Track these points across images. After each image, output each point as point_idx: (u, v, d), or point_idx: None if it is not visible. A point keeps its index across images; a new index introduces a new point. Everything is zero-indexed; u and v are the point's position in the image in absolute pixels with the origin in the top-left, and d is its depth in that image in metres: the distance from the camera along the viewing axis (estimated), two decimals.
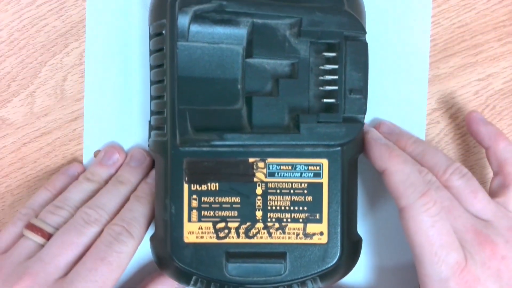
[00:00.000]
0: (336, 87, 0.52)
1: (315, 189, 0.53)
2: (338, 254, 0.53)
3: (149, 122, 0.57)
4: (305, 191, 0.53)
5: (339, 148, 0.53)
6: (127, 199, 0.58)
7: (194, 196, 0.53)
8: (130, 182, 0.59)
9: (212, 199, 0.53)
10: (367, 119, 0.56)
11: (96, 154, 0.62)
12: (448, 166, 0.55)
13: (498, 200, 0.56)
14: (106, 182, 0.60)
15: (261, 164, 0.53)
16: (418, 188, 0.51)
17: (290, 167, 0.53)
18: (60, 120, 0.63)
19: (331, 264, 0.53)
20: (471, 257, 0.51)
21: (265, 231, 0.53)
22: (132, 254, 0.55)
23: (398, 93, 0.61)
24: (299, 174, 0.53)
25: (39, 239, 0.56)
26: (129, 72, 0.62)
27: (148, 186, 0.59)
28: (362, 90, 0.53)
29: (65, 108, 0.63)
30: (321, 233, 0.53)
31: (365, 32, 0.53)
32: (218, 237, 0.53)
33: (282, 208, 0.53)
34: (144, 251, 0.60)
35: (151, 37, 0.55)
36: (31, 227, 0.56)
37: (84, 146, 0.63)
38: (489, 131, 0.59)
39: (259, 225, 0.53)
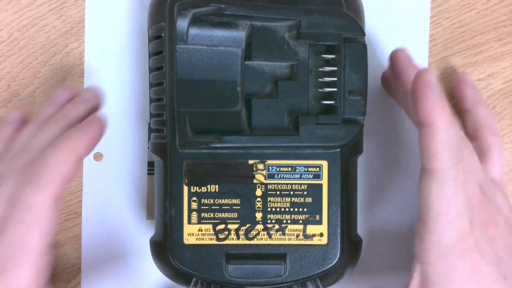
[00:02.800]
0: (335, 89, 0.52)
1: (314, 190, 0.54)
2: (338, 255, 0.53)
3: (149, 124, 0.57)
4: (305, 193, 0.54)
5: (338, 149, 0.53)
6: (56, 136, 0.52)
7: (194, 198, 0.53)
8: (69, 119, 0.54)
9: (212, 201, 0.53)
10: (367, 120, 0.55)
11: (95, 156, 0.62)
12: None
13: None
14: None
15: (260, 166, 0.53)
16: (456, 155, 0.47)
17: (289, 169, 0.53)
18: None
19: (331, 265, 0.53)
20: (473, 223, 0.50)
21: (265, 233, 0.54)
22: (48, 209, 0.48)
23: None
24: (298, 175, 0.53)
25: None
26: (128, 74, 0.62)
27: (76, 130, 0.52)
28: (362, 91, 0.53)
29: None
30: (321, 234, 0.53)
31: (364, 34, 0.53)
32: (218, 239, 0.54)
33: (282, 209, 0.54)
34: (142, 249, 0.60)
35: (150, 40, 0.55)
36: None
37: None
38: (473, 95, 0.60)
39: (259, 226, 0.54)
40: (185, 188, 0.53)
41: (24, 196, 0.47)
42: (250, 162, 0.53)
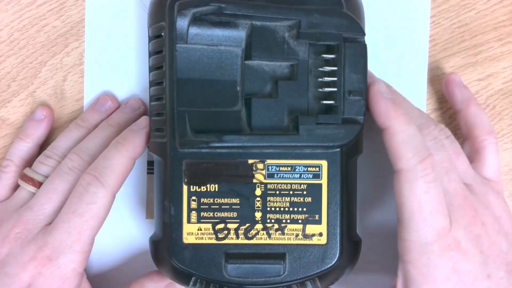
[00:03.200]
0: (335, 89, 0.52)
1: (314, 190, 0.54)
2: (338, 255, 0.53)
3: (149, 123, 0.57)
4: (305, 192, 0.54)
5: (338, 149, 0.53)
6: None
7: (194, 198, 0.53)
8: (119, 125, 0.59)
9: (211, 200, 0.53)
10: (366, 120, 0.55)
11: None
12: (436, 125, 0.55)
13: (472, 165, 0.56)
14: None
15: (260, 166, 0.53)
16: (419, 152, 0.50)
17: (289, 168, 0.53)
18: (60, 120, 0.63)
19: (331, 265, 0.53)
20: (456, 222, 0.51)
21: (265, 232, 0.53)
22: (106, 205, 0.55)
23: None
24: (298, 175, 0.53)
25: (31, 188, 0.58)
26: (128, 74, 0.62)
27: (131, 132, 0.57)
28: (361, 91, 0.53)
29: (65, 108, 0.63)
30: (320, 234, 0.53)
31: (364, 34, 0.53)
32: (217, 238, 0.53)
33: (282, 209, 0.54)
34: (141, 248, 0.60)
35: (150, 39, 0.55)
36: (23, 177, 0.59)
37: None
38: (463, 94, 0.60)
39: (259, 226, 0.53)
40: (185, 188, 0.53)
41: (90, 192, 0.54)
42: (250, 161, 0.53)
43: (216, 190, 0.53)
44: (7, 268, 0.54)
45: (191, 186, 0.53)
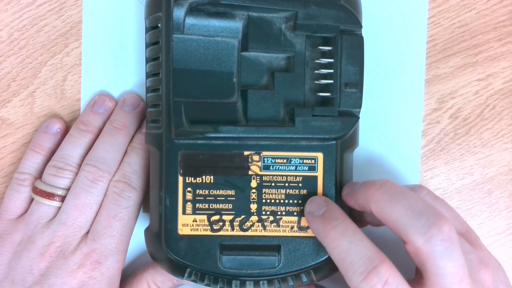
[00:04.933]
0: (331, 81, 0.52)
1: (309, 182, 0.53)
2: None
3: (145, 115, 0.57)
4: (300, 185, 0.53)
5: (334, 141, 0.53)
6: (124, 146, 0.60)
7: (189, 189, 0.53)
8: (126, 127, 0.60)
9: (206, 192, 0.53)
10: (364, 116, 0.55)
11: None
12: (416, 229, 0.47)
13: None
14: (100, 130, 0.61)
15: (256, 157, 0.53)
16: (359, 268, 0.46)
17: (285, 161, 0.53)
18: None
19: (325, 257, 0.53)
20: None
21: (260, 224, 0.53)
22: (139, 204, 0.59)
23: (395, 91, 0.62)
24: (294, 167, 0.53)
25: (54, 203, 0.58)
26: (126, 72, 0.62)
27: (143, 135, 0.59)
28: (358, 84, 0.53)
29: (65, 108, 0.63)
30: None
31: (361, 26, 0.53)
32: (212, 230, 0.53)
33: (277, 201, 0.53)
34: (138, 242, 0.60)
35: (147, 31, 0.55)
36: (41, 192, 0.58)
37: None
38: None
39: (254, 218, 0.53)
40: (180, 179, 0.53)
41: (125, 197, 0.58)
42: (246, 153, 0.53)
43: (212, 181, 0.53)
44: (52, 279, 0.56)
45: (187, 178, 0.53)
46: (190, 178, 0.53)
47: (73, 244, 0.57)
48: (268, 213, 0.53)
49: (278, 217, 0.53)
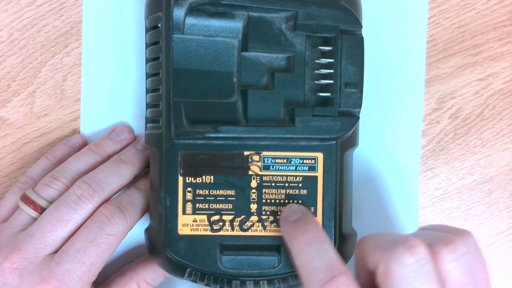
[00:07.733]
0: (331, 81, 0.52)
1: (309, 182, 0.53)
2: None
3: (146, 115, 0.57)
4: (300, 185, 0.53)
5: (334, 142, 0.53)
6: (125, 179, 0.58)
7: (189, 189, 0.53)
8: (132, 162, 0.59)
9: (207, 192, 0.53)
10: (364, 116, 0.55)
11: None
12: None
13: None
14: (109, 157, 0.60)
15: (256, 157, 0.53)
16: (318, 276, 0.46)
17: (285, 161, 0.53)
18: (60, 120, 0.63)
19: None
20: None
21: (260, 224, 0.53)
22: (122, 238, 0.55)
23: (395, 91, 0.62)
24: (294, 167, 0.53)
25: (31, 212, 0.56)
26: (125, 69, 0.62)
27: (148, 180, 0.58)
28: (358, 84, 0.53)
29: (65, 108, 0.63)
30: None
31: (361, 26, 0.53)
32: (212, 230, 0.53)
33: (277, 201, 0.53)
34: (137, 238, 0.60)
35: (147, 31, 0.55)
36: (25, 198, 0.56)
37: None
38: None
39: (254, 218, 0.53)
40: (180, 179, 0.53)
41: (113, 222, 0.54)
42: (246, 153, 0.53)
43: (212, 181, 0.53)
44: None
45: (187, 178, 0.53)
46: (190, 178, 0.53)
47: (33, 263, 0.53)
48: (268, 213, 0.53)
49: (278, 217, 0.53)
